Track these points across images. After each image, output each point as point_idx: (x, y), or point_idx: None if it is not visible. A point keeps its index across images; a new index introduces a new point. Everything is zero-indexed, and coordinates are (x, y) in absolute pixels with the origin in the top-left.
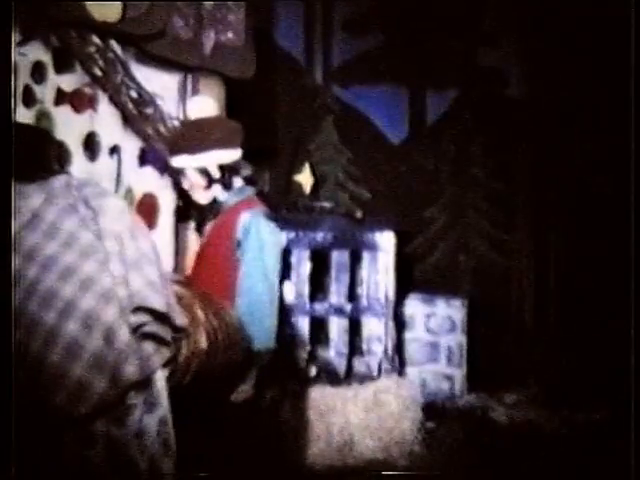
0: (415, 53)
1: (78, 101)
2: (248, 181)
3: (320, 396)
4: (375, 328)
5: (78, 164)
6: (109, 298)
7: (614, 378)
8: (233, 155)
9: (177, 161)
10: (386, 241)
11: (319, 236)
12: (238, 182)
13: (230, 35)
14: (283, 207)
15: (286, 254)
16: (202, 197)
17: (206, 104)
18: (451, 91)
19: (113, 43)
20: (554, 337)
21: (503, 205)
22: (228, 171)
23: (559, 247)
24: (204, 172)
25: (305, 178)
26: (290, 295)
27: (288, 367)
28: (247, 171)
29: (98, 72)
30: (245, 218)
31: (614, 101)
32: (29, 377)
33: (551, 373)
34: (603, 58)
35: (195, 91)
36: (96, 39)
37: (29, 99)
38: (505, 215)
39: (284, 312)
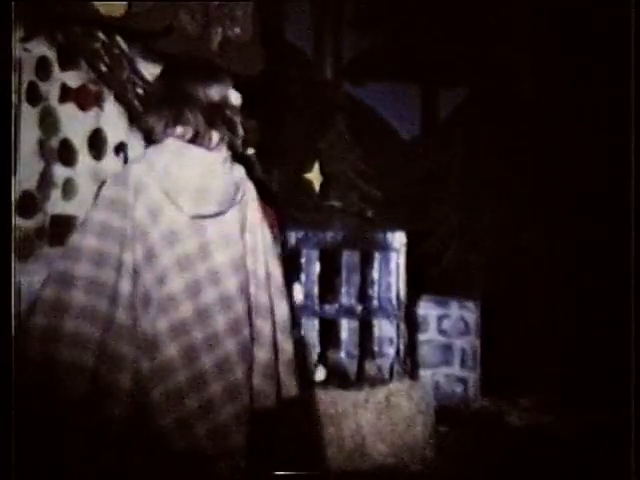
0: (427, 48)
1: (83, 98)
2: (255, 182)
3: (330, 400)
4: (387, 330)
5: (83, 162)
6: None
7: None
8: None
9: None
10: (397, 241)
11: (329, 236)
12: None
13: (238, 30)
14: (292, 206)
15: (295, 254)
16: None
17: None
18: (464, 86)
19: (119, 39)
20: (569, 339)
21: (518, 203)
22: None
23: (574, 247)
24: None
25: (314, 176)
26: (299, 296)
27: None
28: (254, 173)
29: (104, 68)
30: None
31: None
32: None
33: (566, 376)
34: (603, 58)
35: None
36: (102, 35)
37: (34, 96)
38: (520, 214)
39: (293, 314)
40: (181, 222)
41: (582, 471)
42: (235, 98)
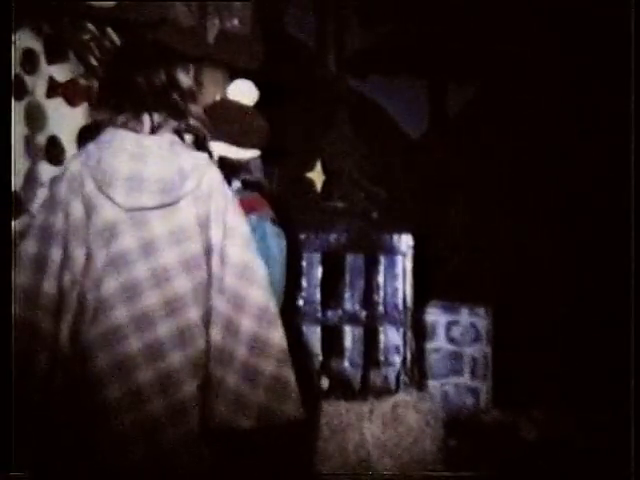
0: (436, 41)
1: (72, 93)
2: (248, 185)
3: (333, 411)
4: (393, 338)
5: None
6: None
7: None
8: (242, 154)
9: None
10: (404, 243)
11: (332, 238)
12: (236, 184)
13: (236, 22)
14: (293, 207)
15: (296, 258)
16: None
17: (247, 90)
18: (475, 81)
19: (110, 31)
20: (586, 346)
21: (532, 205)
22: (230, 169)
23: (591, 252)
24: (224, 162)
25: (317, 175)
26: (300, 302)
27: (298, 380)
28: (252, 176)
29: (94, 62)
30: (249, 221)
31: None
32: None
33: (584, 385)
34: (603, 58)
35: (198, 82)
36: (91, 26)
37: (19, 90)
38: (535, 215)
39: (293, 320)
40: (116, 217)
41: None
42: (249, 93)
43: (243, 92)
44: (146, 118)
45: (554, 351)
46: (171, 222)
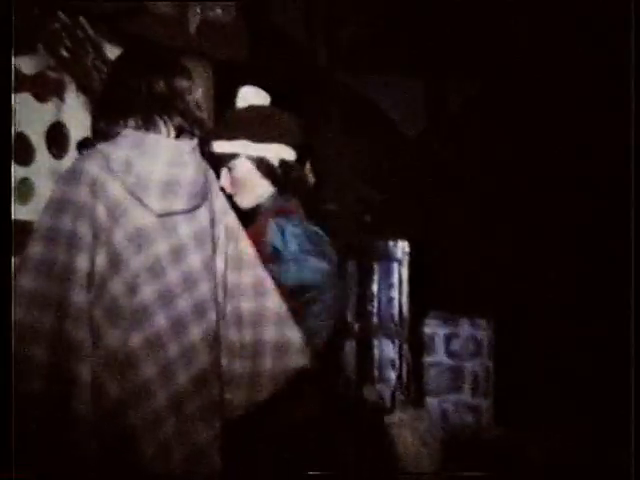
0: (434, 35)
1: (41, 87)
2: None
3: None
4: (388, 351)
5: (41, 161)
6: None
7: None
8: (291, 154)
9: (231, 146)
10: (400, 250)
11: None
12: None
13: (219, 11)
14: None
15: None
16: (246, 198)
17: (257, 94)
18: (474, 77)
19: (82, 20)
20: (593, 360)
21: (536, 209)
22: (284, 170)
23: (598, 260)
24: (262, 163)
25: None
26: None
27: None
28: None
29: (65, 53)
30: (281, 224)
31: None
32: None
33: (590, 401)
34: (605, 53)
35: (189, 78)
36: (62, 15)
37: None
38: (538, 221)
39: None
40: (148, 222)
41: None
42: (259, 96)
43: (253, 96)
44: (160, 122)
45: (559, 365)
46: (194, 225)
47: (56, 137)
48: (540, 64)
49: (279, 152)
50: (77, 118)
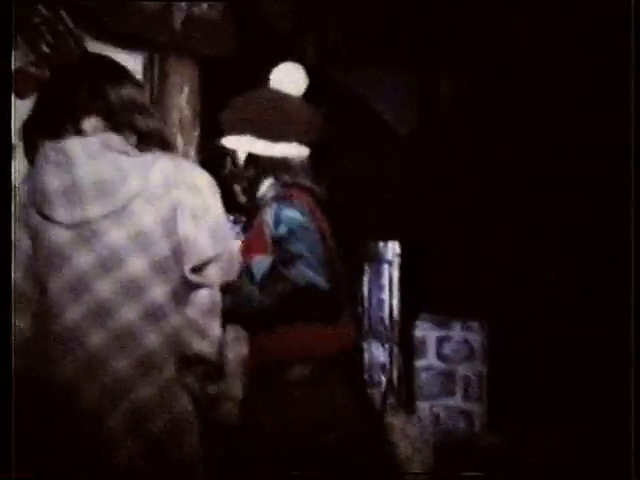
0: (427, 28)
1: (21, 83)
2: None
3: None
4: (378, 355)
5: (22, 159)
6: None
7: None
8: (302, 152)
9: (235, 141)
10: (391, 251)
11: None
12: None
13: (205, 7)
14: None
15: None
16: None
17: (296, 76)
18: (469, 72)
19: (64, 14)
20: (590, 364)
21: (532, 209)
22: (263, 168)
23: (596, 259)
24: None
25: None
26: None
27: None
28: (293, 178)
29: (45, 49)
30: (279, 209)
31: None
32: None
33: (587, 406)
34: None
35: (163, 73)
36: (43, 9)
37: None
38: (534, 221)
39: None
40: (61, 237)
41: None
42: (295, 80)
43: (288, 79)
44: (70, 125)
45: (556, 369)
46: (128, 228)
47: None
48: (538, 62)
49: (287, 150)
50: None
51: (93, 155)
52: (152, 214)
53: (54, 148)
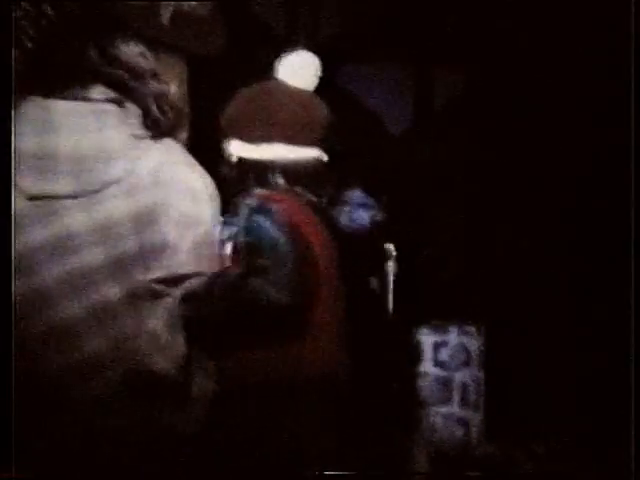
0: (422, 23)
1: None
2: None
3: None
4: None
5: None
6: None
7: None
8: (320, 156)
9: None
10: (385, 252)
11: None
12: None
13: (194, 2)
14: None
15: None
16: None
17: (310, 67)
18: (466, 69)
19: (47, 8)
20: (591, 372)
21: (531, 210)
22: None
23: (593, 261)
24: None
25: None
26: None
27: None
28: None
29: (28, 44)
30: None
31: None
32: None
33: (587, 416)
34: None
35: (151, 70)
36: (24, 3)
37: None
38: (533, 222)
39: None
40: (20, 206)
41: None
42: (306, 71)
43: (298, 71)
44: (73, 89)
45: (555, 376)
46: (95, 215)
47: None
48: (535, 60)
49: (284, 154)
50: None
51: (84, 125)
52: (127, 207)
53: (39, 105)
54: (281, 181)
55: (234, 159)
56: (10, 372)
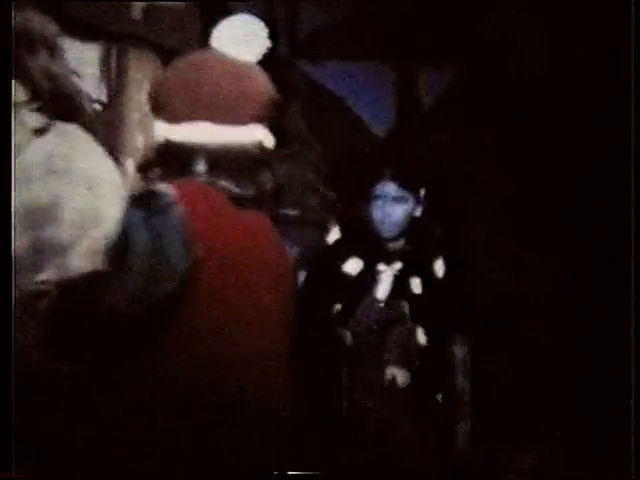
0: (406, 20)
1: None
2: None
3: None
4: None
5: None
6: None
7: None
8: (234, 136)
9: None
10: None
11: None
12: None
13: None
14: None
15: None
16: None
17: (249, 34)
18: (451, 68)
19: (13, 4)
20: (580, 380)
21: (519, 215)
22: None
23: (586, 265)
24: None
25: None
26: None
27: None
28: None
29: None
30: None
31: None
32: None
33: (575, 426)
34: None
35: (122, 66)
36: None
37: None
38: (521, 228)
39: None
40: None
41: None
42: (249, 40)
43: (238, 38)
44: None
45: (543, 386)
46: None
47: None
48: (536, 61)
49: (241, 135)
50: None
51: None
52: (19, 199)
53: None
54: (202, 169)
55: (158, 142)
56: (10, 372)
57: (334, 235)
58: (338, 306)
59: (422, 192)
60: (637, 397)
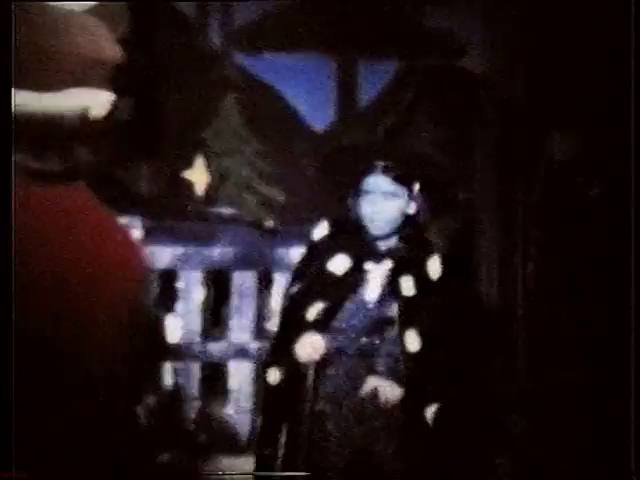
0: (345, 11)
1: None
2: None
3: (215, 470)
4: None
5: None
6: None
7: None
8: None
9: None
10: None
11: (216, 253)
12: None
13: None
14: (166, 214)
15: (172, 276)
16: None
17: None
18: (391, 62)
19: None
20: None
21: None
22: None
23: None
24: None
25: (197, 175)
26: (175, 333)
27: (170, 431)
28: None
29: None
30: None
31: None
32: None
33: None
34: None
35: None
36: None
37: None
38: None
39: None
40: None
41: None
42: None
43: None
44: None
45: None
46: None
47: None
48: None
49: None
50: None
51: None
52: None
53: None
54: None
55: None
56: (10, 372)
57: (321, 231)
58: (320, 306)
59: (416, 187)
60: (637, 397)
